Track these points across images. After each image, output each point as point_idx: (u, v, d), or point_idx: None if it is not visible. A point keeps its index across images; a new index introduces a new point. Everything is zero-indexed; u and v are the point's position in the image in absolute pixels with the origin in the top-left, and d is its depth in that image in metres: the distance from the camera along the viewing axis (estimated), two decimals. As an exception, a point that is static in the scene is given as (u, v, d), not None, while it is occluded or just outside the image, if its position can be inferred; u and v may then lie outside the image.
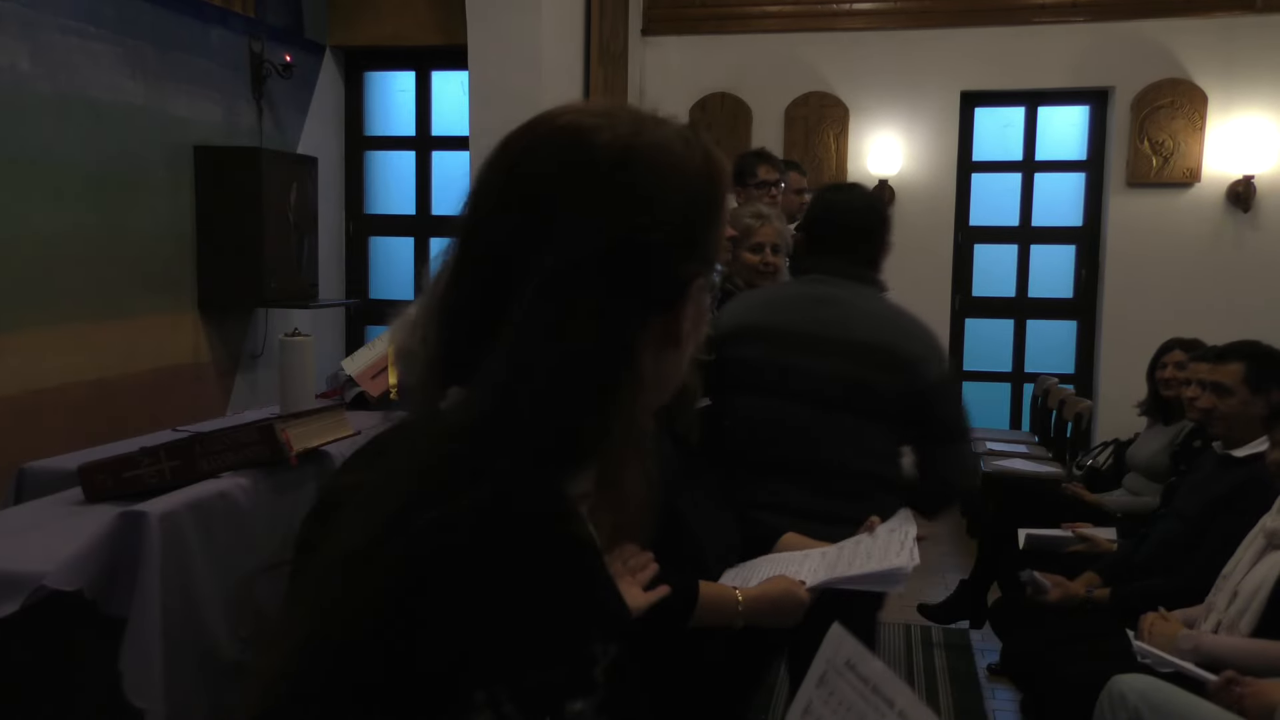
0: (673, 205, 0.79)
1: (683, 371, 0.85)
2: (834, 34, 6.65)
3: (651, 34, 6.80)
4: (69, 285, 4.17)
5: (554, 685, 0.66)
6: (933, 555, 5.46)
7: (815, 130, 6.71)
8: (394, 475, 0.73)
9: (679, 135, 0.82)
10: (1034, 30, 6.44)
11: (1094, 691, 2.41)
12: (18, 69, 3.89)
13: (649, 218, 0.77)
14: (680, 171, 0.80)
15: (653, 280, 0.78)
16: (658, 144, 0.80)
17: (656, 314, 0.79)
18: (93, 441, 3.17)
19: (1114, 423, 5.69)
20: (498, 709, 0.64)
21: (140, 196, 4.56)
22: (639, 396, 0.79)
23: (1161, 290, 6.34)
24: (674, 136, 0.81)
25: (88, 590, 2.06)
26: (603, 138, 0.78)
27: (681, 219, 0.79)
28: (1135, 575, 3.06)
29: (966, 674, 3.95)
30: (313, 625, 0.70)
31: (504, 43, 4.80)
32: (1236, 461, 2.98)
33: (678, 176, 0.80)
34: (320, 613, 0.70)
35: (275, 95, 5.47)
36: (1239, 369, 2.96)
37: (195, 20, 4.88)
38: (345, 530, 0.72)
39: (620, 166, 0.78)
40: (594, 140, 0.78)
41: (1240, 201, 6.25)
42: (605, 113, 0.81)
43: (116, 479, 2.46)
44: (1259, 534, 2.56)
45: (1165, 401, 4.06)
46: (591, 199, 0.77)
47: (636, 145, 0.79)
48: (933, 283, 6.69)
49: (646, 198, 0.78)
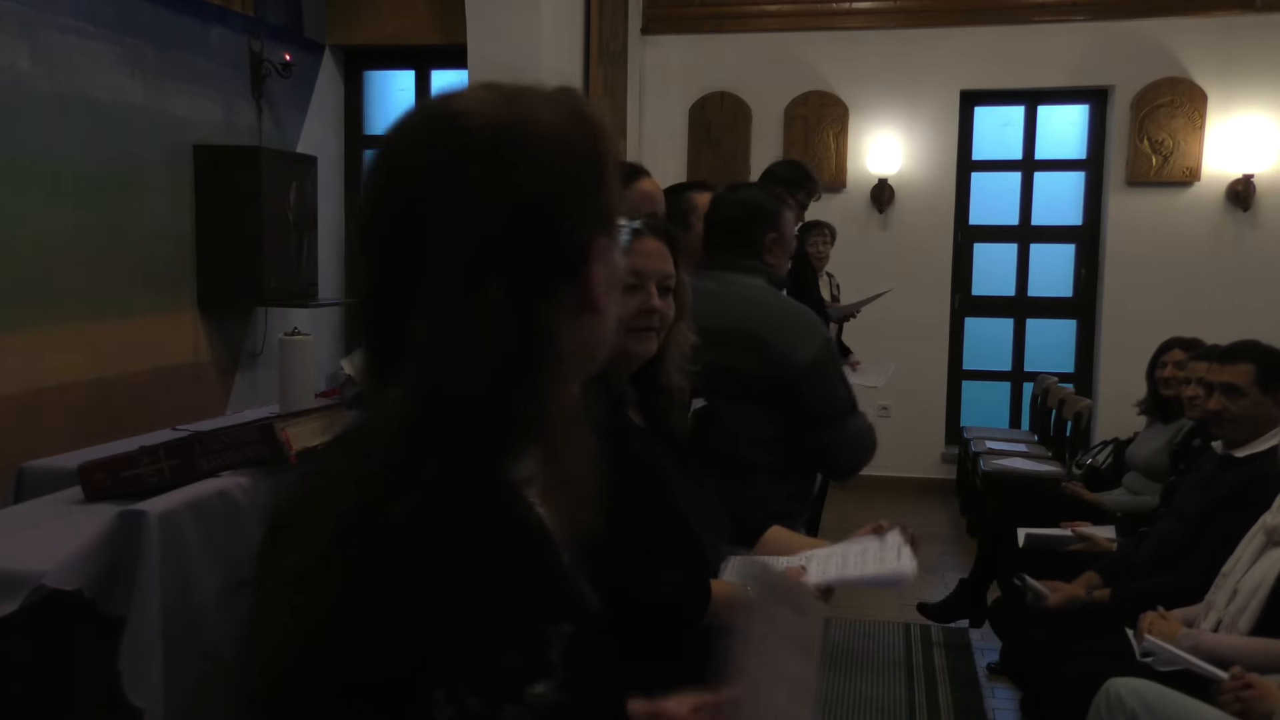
0: (555, 175, 0.78)
1: (608, 334, 0.85)
2: (833, 33, 6.65)
3: (651, 33, 6.80)
4: (68, 284, 4.17)
5: (512, 672, 0.66)
6: (932, 554, 5.46)
7: (815, 129, 6.71)
8: (336, 486, 0.74)
9: (550, 102, 0.82)
10: (1033, 29, 6.44)
11: (1093, 691, 2.41)
12: (17, 68, 3.89)
13: (532, 193, 0.77)
14: (556, 139, 0.80)
15: (550, 253, 0.78)
16: (528, 117, 0.80)
17: (564, 284, 0.79)
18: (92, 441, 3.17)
19: (1113, 422, 5.69)
20: (459, 703, 0.65)
21: (140, 196, 4.55)
22: (564, 369, 0.79)
23: (1161, 289, 6.34)
24: (545, 104, 0.81)
25: (87, 589, 2.06)
26: (472, 122, 0.78)
27: (566, 186, 0.79)
28: (1135, 575, 3.06)
29: (966, 673, 3.95)
30: (275, 640, 0.71)
31: (503, 42, 4.80)
32: (1237, 461, 2.98)
33: (554, 145, 0.79)
34: (281, 628, 0.71)
35: (275, 94, 5.46)
36: (1250, 370, 2.95)
37: (195, 19, 4.88)
38: (296, 546, 0.73)
39: (493, 146, 0.78)
40: (464, 125, 0.78)
41: (1240, 200, 6.25)
42: (474, 95, 0.81)
43: (116, 478, 2.46)
44: (1259, 531, 2.56)
45: (1165, 401, 4.06)
46: (471, 185, 0.77)
47: (507, 122, 0.79)
48: (932, 282, 6.69)
49: (526, 173, 0.77)
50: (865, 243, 6.50)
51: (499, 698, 0.66)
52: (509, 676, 0.66)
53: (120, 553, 2.10)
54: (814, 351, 2.34)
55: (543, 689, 0.67)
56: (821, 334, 2.40)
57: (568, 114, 0.81)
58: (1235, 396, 2.95)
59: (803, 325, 2.38)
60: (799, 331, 2.35)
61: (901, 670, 3.98)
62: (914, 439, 6.76)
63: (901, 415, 6.72)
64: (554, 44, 5.01)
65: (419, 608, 0.68)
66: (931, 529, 5.91)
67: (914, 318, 6.58)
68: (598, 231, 0.81)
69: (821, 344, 2.37)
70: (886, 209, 6.71)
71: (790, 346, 2.31)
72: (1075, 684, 2.55)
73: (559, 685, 0.67)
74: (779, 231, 2.56)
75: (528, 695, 0.66)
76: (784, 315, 2.37)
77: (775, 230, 2.55)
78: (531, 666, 0.67)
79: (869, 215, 6.70)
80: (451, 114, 0.79)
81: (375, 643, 0.68)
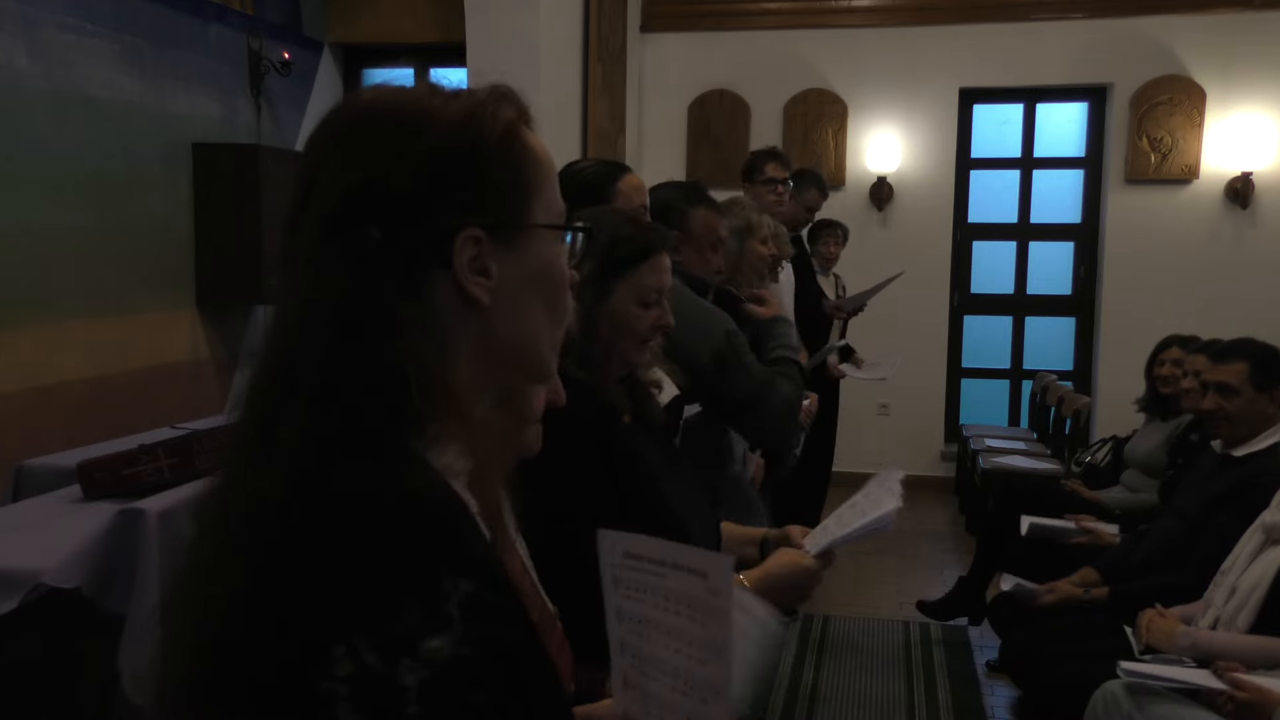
0: (415, 154, 0.79)
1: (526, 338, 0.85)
2: (833, 31, 6.65)
3: (650, 31, 6.79)
4: (67, 283, 4.17)
5: (408, 627, 0.66)
6: (932, 552, 5.47)
7: (814, 127, 6.71)
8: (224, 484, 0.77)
9: (433, 91, 0.83)
10: (1033, 27, 6.44)
11: (1090, 690, 2.41)
12: (15, 66, 3.89)
13: (387, 164, 0.78)
14: (426, 122, 0.80)
15: (402, 229, 0.78)
16: (400, 102, 0.81)
17: (434, 269, 0.79)
18: (91, 439, 3.18)
19: (1112, 419, 5.69)
20: (356, 658, 0.65)
21: (138, 193, 4.55)
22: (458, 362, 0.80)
23: (1160, 287, 6.34)
24: (426, 92, 0.82)
25: (86, 588, 2.07)
26: (349, 111, 0.81)
27: (429, 167, 0.79)
28: (1134, 573, 3.06)
29: (965, 671, 3.95)
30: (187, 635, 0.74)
31: (503, 40, 4.79)
32: (1235, 460, 2.98)
33: (422, 127, 0.80)
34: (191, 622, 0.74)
35: (274, 92, 5.46)
36: (1243, 368, 2.96)
37: (194, 17, 4.88)
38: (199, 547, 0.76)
39: (354, 125, 0.80)
40: (343, 115, 0.81)
41: (1238, 198, 6.26)
42: (382, 88, 0.84)
43: (115, 477, 2.46)
44: (1257, 530, 2.57)
45: (1163, 398, 4.06)
46: (329, 163, 0.79)
47: (375, 105, 0.81)
48: (931, 280, 6.69)
49: (384, 144, 0.78)
50: (864, 241, 6.50)
51: (395, 652, 0.66)
52: (405, 631, 0.66)
53: (119, 551, 2.10)
54: (713, 347, 2.36)
55: (439, 643, 0.67)
56: (721, 327, 2.40)
57: (464, 107, 0.82)
58: (1229, 395, 2.95)
59: (701, 321, 2.39)
60: (698, 327, 2.36)
61: (900, 668, 3.99)
62: (913, 437, 6.77)
63: (901, 413, 6.73)
64: (553, 42, 5.01)
65: (313, 580, 0.68)
66: (931, 527, 5.92)
67: (913, 316, 6.58)
68: (467, 219, 0.80)
69: (721, 337, 2.38)
70: (885, 207, 6.71)
71: (691, 344, 2.31)
72: (1073, 682, 2.55)
73: (457, 640, 0.67)
74: (683, 229, 2.56)
75: (424, 650, 0.66)
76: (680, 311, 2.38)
77: (678, 227, 2.55)
78: (427, 621, 0.67)
79: (868, 213, 6.70)
80: (345, 100, 0.83)
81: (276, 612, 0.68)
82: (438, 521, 0.72)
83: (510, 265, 0.82)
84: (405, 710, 0.65)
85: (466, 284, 0.80)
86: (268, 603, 0.69)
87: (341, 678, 0.65)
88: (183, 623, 0.75)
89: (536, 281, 0.85)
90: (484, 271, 0.81)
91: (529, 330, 0.85)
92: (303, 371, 0.75)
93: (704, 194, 2.72)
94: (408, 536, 0.70)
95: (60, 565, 2.03)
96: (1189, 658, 2.47)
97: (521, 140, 0.85)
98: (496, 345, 0.83)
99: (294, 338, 0.77)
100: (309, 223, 0.79)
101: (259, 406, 0.77)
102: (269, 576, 0.70)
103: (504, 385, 0.88)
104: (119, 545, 2.09)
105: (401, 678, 0.66)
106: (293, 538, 0.71)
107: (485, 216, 0.80)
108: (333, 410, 0.74)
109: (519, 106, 0.87)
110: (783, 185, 4.07)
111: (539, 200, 0.85)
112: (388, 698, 0.65)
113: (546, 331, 0.87)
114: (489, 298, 0.81)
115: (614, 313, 1.71)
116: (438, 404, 0.78)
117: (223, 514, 0.76)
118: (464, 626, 0.68)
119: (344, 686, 0.65)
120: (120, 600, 2.08)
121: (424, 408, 0.77)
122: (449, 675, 0.67)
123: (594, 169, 2.39)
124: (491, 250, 0.81)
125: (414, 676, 0.66)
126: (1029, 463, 5.28)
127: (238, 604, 0.71)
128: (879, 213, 6.72)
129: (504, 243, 0.82)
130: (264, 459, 0.74)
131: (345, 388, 0.75)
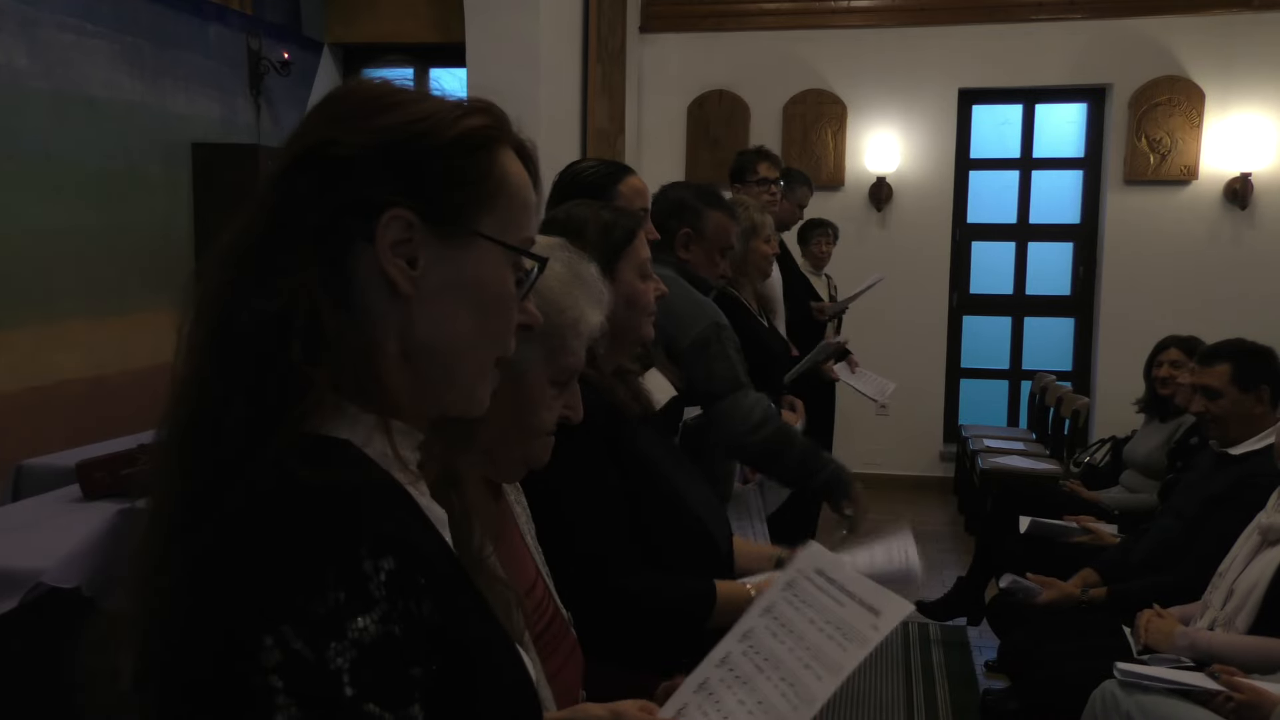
0: (369, 128, 0.81)
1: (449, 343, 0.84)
2: (832, 31, 6.65)
3: (649, 31, 6.80)
4: (66, 282, 4.17)
5: (333, 609, 0.66)
6: (931, 552, 5.47)
7: (813, 128, 6.71)
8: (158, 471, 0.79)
9: (423, 91, 0.85)
10: (1032, 28, 6.44)
11: (1089, 690, 2.41)
12: (15, 66, 3.89)
13: (336, 134, 0.81)
14: (392, 105, 0.83)
15: (333, 190, 0.80)
16: (384, 89, 0.84)
17: (359, 240, 0.80)
18: (91, 439, 3.18)
19: (1111, 420, 5.70)
20: (285, 646, 0.65)
21: (138, 193, 4.55)
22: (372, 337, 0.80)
23: (1159, 287, 6.35)
24: (414, 89, 0.85)
25: (86, 587, 2.07)
26: (338, 88, 0.86)
27: (376, 141, 0.81)
28: (1133, 573, 3.07)
29: (964, 671, 3.96)
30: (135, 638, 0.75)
31: (502, 40, 4.80)
32: (1233, 459, 2.98)
33: (386, 109, 0.82)
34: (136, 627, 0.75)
35: (273, 92, 5.46)
36: (1225, 370, 2.97)
37: (193, 17, 4.88)
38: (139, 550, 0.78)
39: (332, 96, 0.84)
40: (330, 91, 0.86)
41: (1237, 199, 6.26)
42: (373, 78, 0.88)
43: (114, 476, 2.46)
44: (1254, 531, 2.57)
45: (1162, 399, 4.07)
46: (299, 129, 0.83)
47: (359, 86, 0.84)
48: (930, 280, 6.70)
49: (338, 118, 0.82)
50: (863, 241, 6.51)
51: (323, 636, 0.66)
52: (331, 614, 0.66)
53: (119, 551, 2.10)
54: (696, 333, 2.37)
55: (365, 623, 0.67)
56: (708, 317, 2.41)
57: (435, 105, 0.84)
58: (1214, 398, 2.97)
59: (690, 308, 2.40)
60: (686, 313, 2.37)
61: (900, 668, 3.99)
62: (912, 437, 6.77)
63: (900, 413, 6.73)
64: (552, 42, 5.01)
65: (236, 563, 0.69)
66: (930, 527, 5.92)
67: (912, 316, 6.59)
68: (395, 198, 0.80)
69: (706, 325, 2.39)
70: (885, 207, 6.72)
71: (677, 328, 2.33)
72: (1072, 682, 2.55)
73: (382, 618, 0.67)
74: (696, 229, 2.58)
75: (351, 630, 0.66)
76: (674, 299, 2.39)
77: (691, 227, 2.58)
78: (351, 601, 0.67)
79: (867, 214, 6.71)
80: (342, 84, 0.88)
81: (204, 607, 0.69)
82: (353, 503, 0.72)
83: (444, 264, 0.82)
84: (341, 693, 0.65)
85: (385, 262, 0.80)
86: (196, 600, 0.70)
87: (273, 668, 0.65)
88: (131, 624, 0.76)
89: (470, 291, 0.84)
90: (411, 261, 0.81)
91: (450, 338, 0.84)
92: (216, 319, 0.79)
93: (720, 197, 2.73)
94: (324, 520, 0.70)
95: (60, 565, 2.03)
96: (1187, 658, 2.47)
97: (488, 154, 0.85)
98: (415, 345, 0.82)
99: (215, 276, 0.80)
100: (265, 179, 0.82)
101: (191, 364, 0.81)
102: (197, 573, 0.71)
103: (435, 404, 0.86)
104: (119, 545, 2.09)
105: (332, 661, 0.66)
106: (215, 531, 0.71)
107: (418, 204, 0.81)
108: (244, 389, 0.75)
109: (499, 125, 0.88)
110: (775, 185, 4.07)
111: (491, 215, 0.85)
112: (321, 683, 0.65)
113: (470, 348, 0.85)
114: (411, 288, 0.81)
115: (624, 292, 1.74)
116: (365, 386, 0.78)
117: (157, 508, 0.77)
118: (388, 604, 0.68)
119: (276, 677, 0.65)
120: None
121: (347, 386, 0.78)
122: (379, 653, 0.67)
123: (596, 169, 2.39)
124: (424, 241, 0.81)
125: (344, 658, 0.66)
126: (1028, 463, 5.28)
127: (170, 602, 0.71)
128: (878, 213, 6.73)
129: (440, 238, 0.82)
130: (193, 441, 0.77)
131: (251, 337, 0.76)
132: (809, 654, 1.04)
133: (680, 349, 2.32)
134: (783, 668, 1.05)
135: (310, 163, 0.80)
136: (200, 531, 0.72)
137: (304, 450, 0.74)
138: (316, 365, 0.76)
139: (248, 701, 0.66)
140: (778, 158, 4.23)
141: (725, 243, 2.66)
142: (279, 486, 0.71)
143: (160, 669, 0.71)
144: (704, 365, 2.36)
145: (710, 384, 2.36)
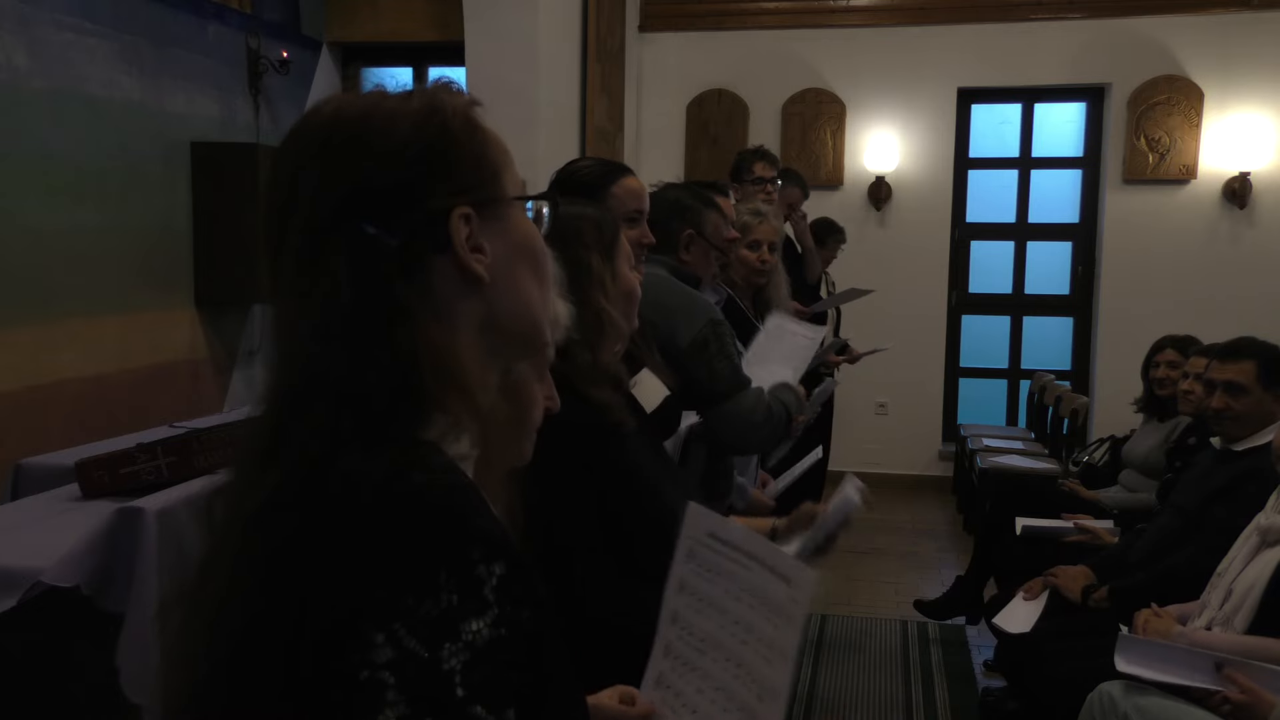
0: (391, 151, 0.82)
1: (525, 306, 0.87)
2: (831, 30, 6.66)
3: (648, 30, 6.80)
4: (65, 281, 4.16)
5: (448, 611, 0.68)
6: (930, 551, 5.48)
7: (812, 127, 6.71)
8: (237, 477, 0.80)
9: (384, 93, 0.86)
10: (1031, 27, 6.45)
11: (1087, 689, 2.41)
12: (14, 65, 3.89)
13: (367, 166, 0.81)
14: (392, 119, 0.83)
15: (395, 222, 0.80)
16: (362, 108, 0.84)
17: (431, 255, 0.81)
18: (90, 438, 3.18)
19: (1110, 419, 5.70)
20: (398, 645, 0.67)
21: (137, 193, 4.55)
22: (467, 343, 0.83)
23: (1157, 287, 6.35)
24: (380, 95, 0.86)
25: (85, 586, 2.07)
26: (316, 119, 0.84)
27: (407, 159, 0.82)
28: (1132, 571, 3.07)
29: (963, 670, 3.96)
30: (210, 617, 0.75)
31: (501, 39, 4.80)
32: (1236, 455, 2.99)
33: (390, 125, 0.83)
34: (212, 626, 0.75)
35: (272, 91, 5.46)
36: (1252, 367, 2.96)
37: (192, 16, 4.88)
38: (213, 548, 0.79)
39: (325, 138, 0.83)
40: (310, 123, 0.84)
41: (1236, 198, 6.26)
42: (340, 96, 0.87)
43: (113, 475, 2.46)
44: (1253, 532, 2.57)
45: (1160, 399, 4.07)
46: (308, 179, 0.81)
47: (340, 116, 0.84)
48: (929, 279, 6.70)
49: (361, 149, 0.81)
50: (862, 240, 6.51)
51: (437, 637, 0.68)
52: (445, 615, 0.68)
53: (118, 550, 2.10)
54: (694, 332, 2.35)
55: (479, 626, 0.69)
56: (705, 316, 2.39)
57: (422, 100, 0.85)
58: (1238, 394, 2.96)
59: (686, 307, 2.39)
60: (682, 313, 2.36)
61: (898, 667, 3.99)
62: (911, 436, 6.78)
63: (898, 412, 6.74)
64: (551, 41, 5.01)
65: (343, 567, 0.70)
66: (928, 526, 5.92)
67: (911, 315, 6.59)
68: (455, 200, 0.83)
69: (704, 324, 2.37)
70: (884, 206, 6.72)
71: (674, 328, 2.33)
72: (1070, 682, 2.55)
73: (493, 622, 0.69)
74: (698, 229, 2.58)
75: (465, 633, 0.68)
76: (670, 298, 2.38)
77: (693, 227, 2.58)
78: (467, 605, 0.69)
79: (866, 213, 6.71)
80: (307, 115, 0.86)
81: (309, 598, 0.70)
82: (462, 506, 0.74)
83: (498, 239, 0.85)
84: (453, 693, 0.67)
85: (468, 261, 0.82)
86: (293, 597, 0.70)
87: (384, 664, 0.67)
88: (198, 624, 0.76)
89: (523, 251, 0.88)
90: (479, 248, 0.84)
91: (525, 300, 0.88)
92: (317, 373, 0.77)
93: (712, 199, 2.73)
94: (436, 522, 0.72)
95: (59, 564, 2.03)
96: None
97: (479, 122, 0.88)
98: (500, 320, 0.86)
99: (303, 342, 0.79)
100: (296, 229, 0.81)
101: (275, 411, 0.79)
102: (294, 569, 0.71)
103: (507, 364, 0.90)
104: (117, 544, 2.09)
105: (446, 661, 0.67)
106: (318, 530, 0.72)
107: (470, 194, 0.84)
108: (349, 405, 0.76)
109: (468, 95, 0.90)
110: (772, 184, 4.07)
111: (508, 174, 0.89)
112: (434, 682, 0.67)
113: (539, 298, 0.89)
114: (488, 274, 0.84)
115: (624, 286, 1.75)
116: (450, 391, 0.80)
117: (238, 515, 0.77)
118: (499, 609, 0.70)
119: (388, 673, 0.67)
120: (119, 599, 2.08)
121: (438, 394, 0.79)
122: (489, 656, 0.69)
123: (592, 169, 2.38)
124: (480, 227, 0.84)
125: (457, 660, 0.68)
126: (1027, 462, 5.28)
127: (258, 601, 0.72)
128: (877, 212, 6.73)
129: (490, 218, 0.85)
130: (285, 459, 0.76)
131: (362, 383, 0.77)
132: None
133: (678, 349, 2.31)
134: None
135: (355, 209, 0.80)
136: (288, 518, 0.73)
137: (402, 449, 0.76)
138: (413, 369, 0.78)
139: (354, 695, 0.67)
140: (775, 157, 4.24)
141: (722, 242, 2.67)
142: (383, 482, 0.73)
143: (236, 653, 0.72)
144: (705, 365, 2.35)
145: (713, 384, 2.36)
